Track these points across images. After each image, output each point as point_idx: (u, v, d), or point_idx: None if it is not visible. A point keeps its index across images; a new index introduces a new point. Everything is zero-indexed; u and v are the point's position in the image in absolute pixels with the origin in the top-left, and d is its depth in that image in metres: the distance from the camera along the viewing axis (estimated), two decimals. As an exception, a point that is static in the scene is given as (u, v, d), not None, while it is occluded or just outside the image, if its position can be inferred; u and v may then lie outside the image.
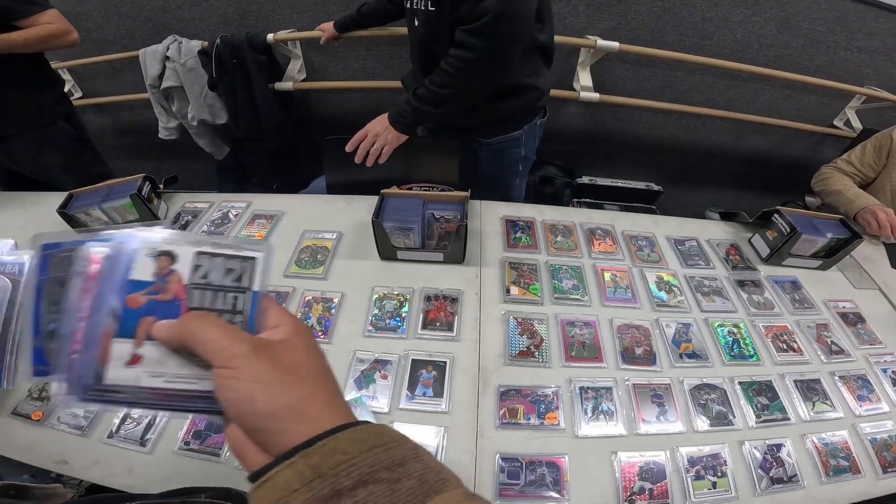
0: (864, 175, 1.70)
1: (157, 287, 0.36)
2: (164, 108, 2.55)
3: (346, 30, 2.03)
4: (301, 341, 0.37)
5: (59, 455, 0.85)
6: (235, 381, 0.32)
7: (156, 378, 0.34)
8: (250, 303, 0.37)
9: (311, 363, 0.36)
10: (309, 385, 0.34)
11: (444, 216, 1.20)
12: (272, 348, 0.35)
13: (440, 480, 0.32)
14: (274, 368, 0.33)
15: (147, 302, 0.36)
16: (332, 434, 0.31)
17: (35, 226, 1.35)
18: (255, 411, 0.32)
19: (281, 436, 0.31)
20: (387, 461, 0.30)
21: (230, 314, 0.37)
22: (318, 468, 0.29)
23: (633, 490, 0.85)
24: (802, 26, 2.25)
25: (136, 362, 0.34)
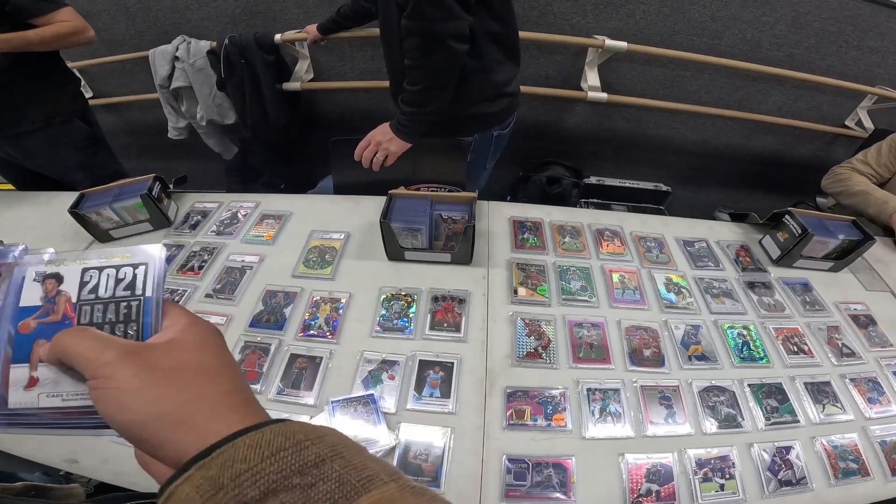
0: (879, 175, 1.67)
1: (46, 309, 0.36)
2: (173, 108, 2.57)
3: (328, 32, 2.06)
4: (191, 339, 0.34)
5: (68, 454, 0.86)
6: (104, 391, 0.30)
7: (54, 398, 0.34)
8: (143, 309, 0.36)
9: (202, 363, 0.33)
10: (194, 388, 0.31)
11: (452, 217, 1.20)
12: (150, 351, 0.32)
13: (365, 479, 0.28)
14: (147, 373, 0.30)
15: (37, 325, 0.36)
16: (231, 440, 0.28)
17: (46, 225, 1.36)
18: (129, 421, 0.29)
19: (167, 447, 0.29)
20: (297, 464, 0.27)
21: (123, 324, 0.36)
22: (218, 480, 0.26)
23: (641, 492, 0.84)
24: (813, 26, 2.23)
25: (34, 385, 0.34)
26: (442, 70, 1.27)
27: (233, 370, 0.34)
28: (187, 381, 0.31)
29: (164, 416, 0.29)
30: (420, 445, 0.88)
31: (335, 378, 0.99)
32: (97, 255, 0.39)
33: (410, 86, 1.30)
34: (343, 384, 0.98)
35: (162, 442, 0.29)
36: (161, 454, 0.29)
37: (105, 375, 0.30)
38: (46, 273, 0.38)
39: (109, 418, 0.30)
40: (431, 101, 1.33)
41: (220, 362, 0.34)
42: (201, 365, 0.32)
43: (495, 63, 1.43)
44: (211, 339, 0.35)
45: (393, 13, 1.25)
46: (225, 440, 0.28)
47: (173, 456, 0.29)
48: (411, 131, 1.39)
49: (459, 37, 1.21)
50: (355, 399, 0.93)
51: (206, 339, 0.35)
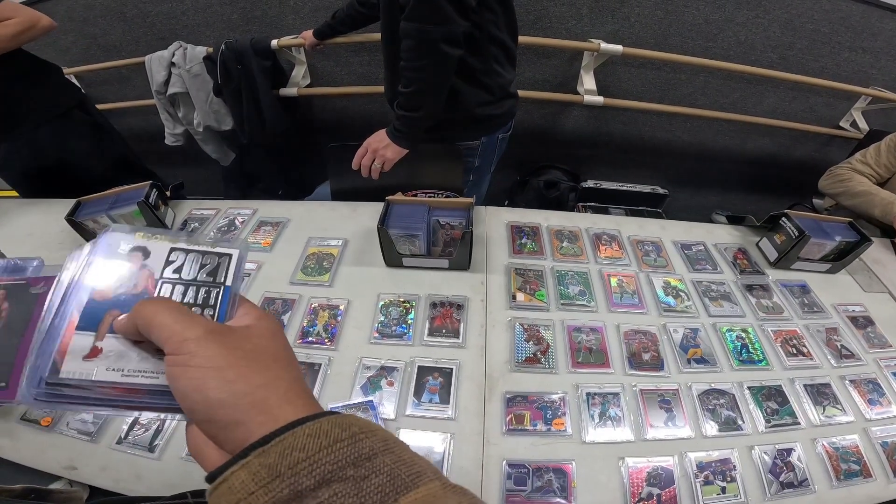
0: (879, 175, 1.67)
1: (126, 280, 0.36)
2: (170, 114, 2.57)
3: (324, 37, 2.07)
4: (265, 328, 0.35)
5: (67, 461, 0.86)
6: (186, 368, 0.30)
7: (113, 372, 0.33)
8: (221, 297, 0.37)
9: (275, 350, 0.34)
10: (269, 373, 0.31)
11: (450, 223, 1.20)
12: (231, 333, 0.33)
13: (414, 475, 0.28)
14: (229, 353, 0.31)
15: (114, 295, 0.35)
16: (290, 429, 0.28)
17: (43, 233, 1.36)
18: (206, 400, 0.29)
19: (236, 429, 0.29)
20: (352, 456, 0.27)
21: (200, 308, 0.36)
22: (275, 468, 0.26)
23: (641, 496, 0.84)
24: (806, 27, 2.24)
25: (95, 355, 0.33)
26: (433, 73, 1.27)
27: (296, 362, 0.35)
28: (265, 365, 0.32)
29: (240, 396, 0.29)
30: (419, 451, 0.87)
31: (334, 385, 0.98)
32: (185, 239, 0.39)
33: (404, 88, 1.31)
34: (342, 391, 0.97)
35: (233, 423, 0.29)
36: (227, 436, 0.29)
37: (189, 352, 0.30)
38: (134, 245, 0.37)
39: (185, 395, 0.30)
40: (424, 104, 1.33)
41: (289, 353, 0.35)
42: (275, 352, 0.34)
43: (498, 65, 1.44)
44: (279, 330, 0.36)
45: (397, 16, 1.25)
46: (285, 428, 0.28)
47: (239, 438, 0.29)
48: (407, 136, 1.40)
49: (451, 41, 1.22)
50: (354, 405, 0.93)
51: (277, 330, 0.36)
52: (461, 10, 1.19)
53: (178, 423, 0.90)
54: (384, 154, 1.42)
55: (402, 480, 0.28)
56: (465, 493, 0.30)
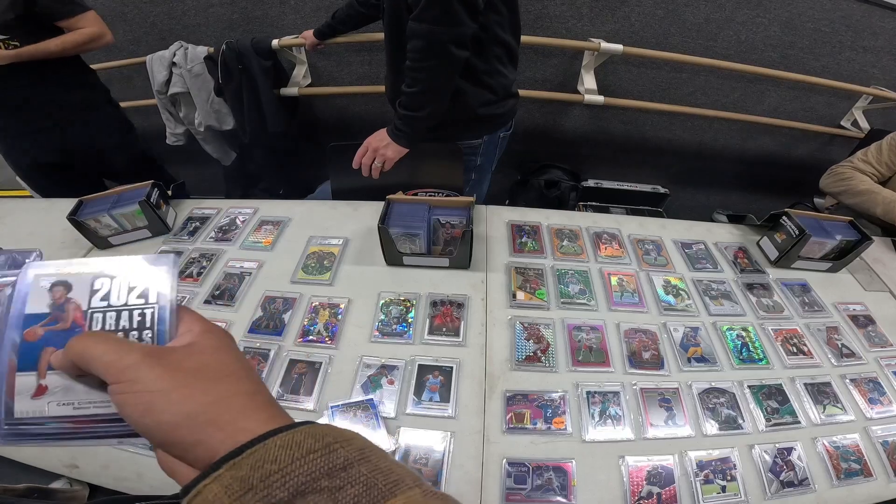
0: (880, 174, 1.67)
1: (54, 316, 0.36)
2: (171, 113, 2.58)
3: (324, 37, 2.07)
4: (209, 343, 0.34)
5: (69, 459, 0.86)
6: (130, 395, 0.29)
7: (65, 406, 0.33)
8: (158, 317, 0.36)
9: (223, 365, 0.33)
10: (219, 388, 0.31)
11: (450, 221, 1.20)
12: (170, 354, 0.32)
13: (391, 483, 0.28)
14: (171, 375, 0.30)
15: (45, 333, 0.35)
16: (262, 440, 0.28)
17: (45, 232, 1.36)
18: (157, 423, 0.29)
19: (198, 448, 0.29)
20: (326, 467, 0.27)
21: (138, 331, 0.35)
22: (248, 480, 0.26)
23: (641, 494, 0.84)
24: (807, 27, 2.24)
25: (42, 393, 0.33)
26: (440, 74, 1.27)
27: (252, 372, 0.34)
28: (213, 382, 0.31)
29: (193, 416, 0.29)
30: (420, 450, 0.88)
31: (334, 383, 0.99)
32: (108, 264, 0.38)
33: (408, 88, 1.30)
34: (342, 389, 0.97)
35: (192, 443, 0.29)
36: (191, 456, 0.29)
37: (129, 379, 0.30)
38: (54, 281, 0.37)
39: (136, 422, 0.30)
40: (427, 104, 1.33)
41: (239, 365, 0.34)
42: (223, 366, 0.33)
43: (502, 66, 1.44)
44: (227, 342, 0.35)
45: (403, 16, 1.25)
46: (257, 440, 0.28)
47: (204, 457, 0.28)
48: (407, 136, 1.40)
49: (461, 43, 1.22)
50: (355, 404, 0.93)
51: (223, 343, 0.35)
52: (472, 12, 1.19)
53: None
54: (384, 153, 1.42)
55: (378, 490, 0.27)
56: (447, 500, 0.29)
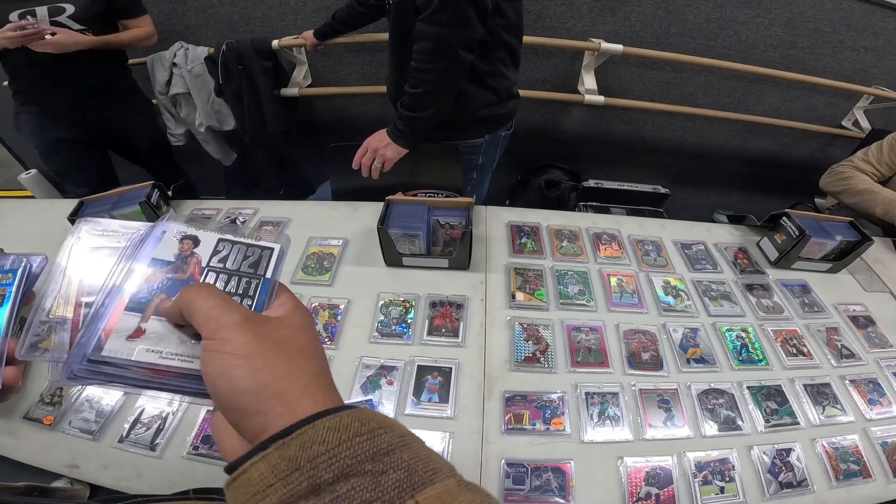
0: (881, 174, 1.67)
1: (176, 266, 0.38)
2: (171, 114, 2.58)
3: (324, 37, 2.08)
4: (297, 319, 0.36)
5: (70, 459, 0.86)
6: (217, 354, 0.31)
7: (152, 353, 0.34)
8: (261, 288, 0.39)
9: (301, 342, 0.34)
10: (293, 363, 0.32)
11: (449, 222, 1.20)
12: (265, 323, 0.34)
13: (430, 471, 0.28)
14: (260, 342, 0.31)
15: (163, 279, 0.37)
16: (311, 422, 0.28)
17: (45, 233, 1.37)
18: (231, 387, 0.30)
19: (255, 417, 0.30)
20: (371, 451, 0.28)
21: (240, 297, 0.38)
22: (295, 461, 0.26)
23: (640, 495, 0.84)
24: (808, 26, 2.24)
25: (138, 336, 0.35)
26: (446, 76, 1.28)
27: (323, 355, 0.36)
28: (289, 356, 0.32)
29: (263, 385, 0.30)
30: (419, 451, 0.88)
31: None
32: (232, 231, 0.42)
33: (411, 89, 1.30)
34: (342, 390, 0.95)
35: (254, 412, 0.30)
36: (247, 424, 0.30)
37: (223, 338, 0.31)
38: (186, 233, 0.40)
39: (212, 381, 0.31)
40: (430, 105, 1.33)
41: (315, 345, 0.35)
42: (303, 343, 0.34)
43: (504, 68, 1.45)
44: (310, 323, 0.37)
45: (410, 16, 1.25)
46: (305, 421, 0.28)
47: (258, 427, 0.29)
48: (408, 136, 1.40)
49: (469, 47, 1.23)
50: (354, 405, 0.93)
51: (308, 322, 0.37)
52: (482, 17, 1.20)
53: (179, 422, 0.91)
54: (384, 154, 1.42)
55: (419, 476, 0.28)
56: (479, 491, 0.30)
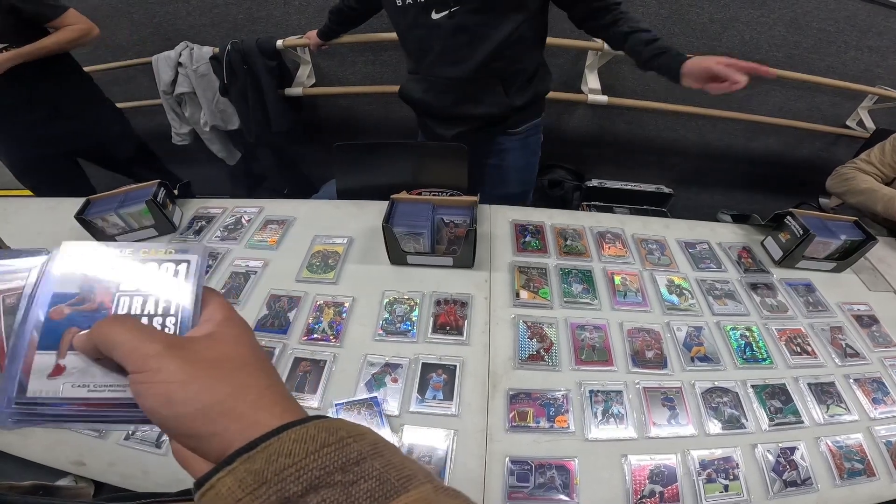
0: (884, 175, 1.67)
1: (81, 297, 0.36)
2: (176, 113, 2.59)
3: (327, 37, 2.07)
4: (229, 333, 0.34)
5: (76, 456, 0.87)
6: (149, 385, 0.29)
7: (79, 388, 0.33)
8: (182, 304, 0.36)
9: (240, 357, 0.33)
10: (236, 380, 0.31)
11: (454, 221, 1.21)
12: (192, 345, 0.32)
13: (404, 478, 0.28)
14: (191, 366, 0.30)
15: (70, 313, 0.35)
16: (276, 434, 0.28)
17: (52, 231, 1.38)
18: (175, 415, 0.29)
19: (213, 440, 0.29)
20: (340, 461, 0.27)
21: (162, 317, 0.36)
22: (262, 474, 0.26)
23: (644, 493, 0.84)
24: (812, 26, 2.23)
25: (59, 373, 0.33)
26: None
27: (268, 364, 0.34)
28: (230, 373, 0.31)
29: (210, 407, 0.29)
30: (423, 448, 0.89)
31: (339, 381, 0.99)
32: (140, 249, 0.38)
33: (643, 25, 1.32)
34: (347, 387, 0.98)
35: (207, 435, 0.29)
36: (206, 448, 0.29)
37: (151, 368, 0.30)
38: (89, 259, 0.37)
39: (153, 412, 0.30)
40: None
41: (257, 356, 0.34)
42: (241, 358, 0.33)
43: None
44: (246, 334, 0.35)
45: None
46: (271, 433, 0.28)
47: (218, 449, 0.28)
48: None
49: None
50: (359, 402, 0.94)
51: (242, 334, 0.35)
52: None
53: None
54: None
55: (391, 484, 0.27)
56: (458, 496, 0.29)
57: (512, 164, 1.67)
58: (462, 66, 1.38)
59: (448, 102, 1.50)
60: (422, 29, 1.35)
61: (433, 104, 1.54)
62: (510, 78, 1.43)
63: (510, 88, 1.44)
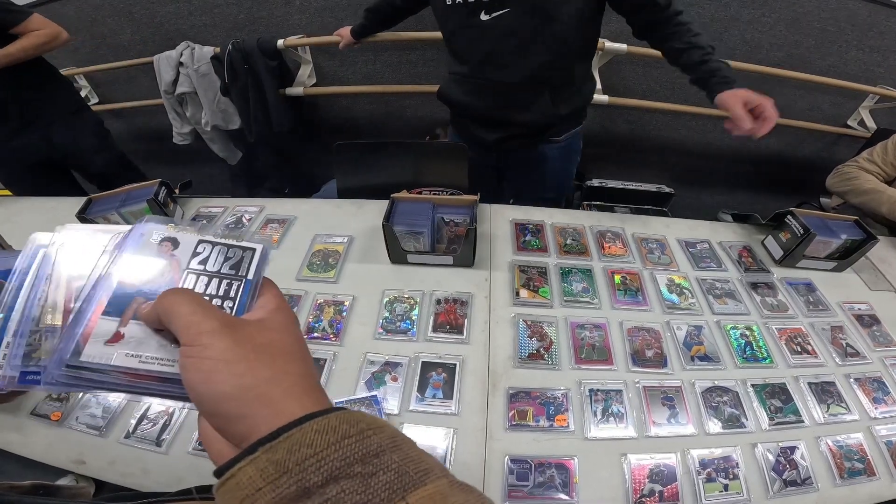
0: (886, 174, 1.66)
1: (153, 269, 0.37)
2: (178, 113, 2.60)
3: (362, 35, 2.02)
4: (279, 321, 0.35)
5: (77, 455, 0.87)
6: (197, 360, 0.30)
7: (131, 358, 0.34)
8: (243, 290, 0.38)
9: (285, 344, 0.34)
10: (277, 366, 0.31)
11: (454, 220, 1.21)
12: (245, 327, 0.33)
13: (421, 472, 0.28)
14: (240, 347, 0.31)
15: (141, 283, 0.36)
16: (299, 424, 0.28)
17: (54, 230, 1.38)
18: (212, 393, 0.30)
19: (240, 422, 0.29)
20: (360, 453, 0.27)
21: (221, 300, 0.37)
22: (283, 464, 0.26)
23: (644, 492, 0.84)
24: (813, 26, 2.23)
25: (117, 340, 0.34)
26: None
27: (308, 356, 0.35)
28: (272, 359, 0.32)
29: (245, 389, 0.30)
30: (423, 446, 0.87)
31: (339, 380, 0.99)
32: (213, 233, 0.41)
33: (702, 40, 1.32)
34: (347, 386, 0.98)
35: (238, 416, 0.29)
36: (233, 429, 0.30)
37: (202, 344, 0.30)
38: (165, 235, 0.39)
39: (193, 387, 0.30)
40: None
41: (300, 346, 0.35)
42: (285, 346, 0.34)
43: None
44: (294, 324, 0.36)
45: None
46: (293, 423, 0.28)
47: (244, 431, 0.29)
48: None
49: None
50: (359, 400, 0.94)
51: (290, 323, 0.36)
52: None
53: (185, 417, 0.92)
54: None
55: (409, 477, 0.27)
56: (472, 491, 0.30)
57: (549, 172, 1.67)
58: (510, 70, 1.37)
59: (492, 106, 1.48)
60: (470, 30, 1.33)
61: (475, 107, 1.52)
62: (559, 87, 1.42)
63: (557, 97, 1.43)
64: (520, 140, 1.55)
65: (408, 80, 2.48)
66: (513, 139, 1.55)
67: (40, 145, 1.91)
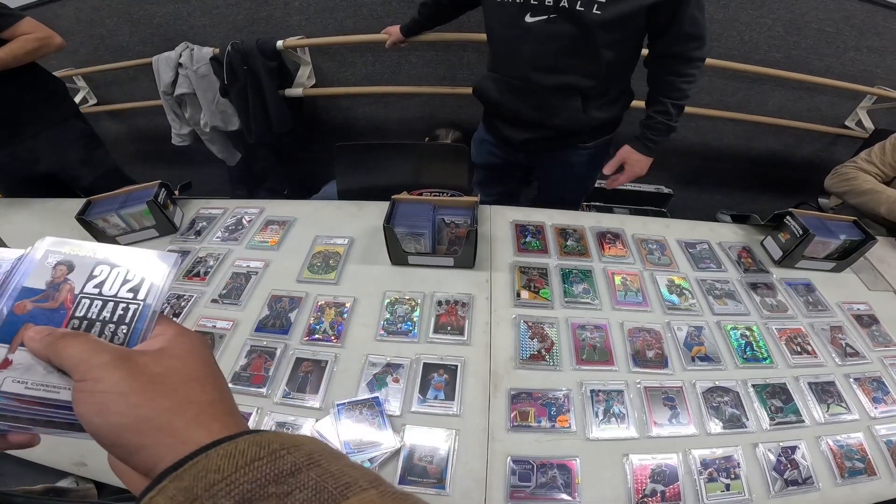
0: (884, 174, 1.67)
1: (46, 294, 0.36)
2: (177, 114, 2.59)
3: (412, 33, 1.98)
4: (181, 347, 0.34)
5: (78, 457, 0.87)
6: (89, 395, 0.30)
7: (17, 384, 0.33)
8: (139, 315, 0.37)
9: (189, 370, 0.33)
10: (178, 395, 0.31)
11: (455, 221, 1.21)
12: (139, 358, 0.32)
13: (342, 486, 0.28)
14: (135, 378, 0.30)
15: (32, 309, 0.36)
16: (204, 451, 0.27)
17: (53, 232, 1.37)
18: (108, 424, 0.29)
19: (143, 452, 0.29)
20: (272, 473, 0.27)
21: (115, 325, 0.36)
22: (192, 490, 0.25)
23: (645, 492, 0.85)
24: (811, 27, 2.24)
25: (5, 367, 0.33)
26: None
27: (219, 380, 0.35)
28: (173, 388, 0.31)
29: (144, 420, 0.29)
30: (425, 448, 0.89)
31: (340, 381, 0.99)
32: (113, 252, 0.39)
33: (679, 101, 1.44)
34: (348, 387, 0.98)
35: (138, 447, 0.29)
36: (136, 460, 0.29)
37: (94, 378, 0.30)
38: (60, 260, 0.38)
39: (87, 420, 0.30)
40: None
41: (207, 372, 0.34)
42: (188, 373, 0.33)
43: None
44: (199, 349, 0.35)
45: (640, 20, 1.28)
46: (199, 451, 0.28)
47: (148, 462, 0.29)
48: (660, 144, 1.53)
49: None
50: (360, 402, 0.94)
51: (194, 349, 0.35)
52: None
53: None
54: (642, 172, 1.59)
55: (328, 493, 0.27)
56: (407, 498, 0.29)
57: (572, 176, 1.69)
58: (545, 75, 1.37)
59: (523, 107, 1.48)
60: (514, 30, 1.33)
61: (508, 106, 1.52)
62: (594, 96, 1.42)
63: (589, 105, 1.43)
64: (547, 143, 1.56)
65: (408, 81, 2.48)
66: (540, 141, 1.56)
67: (27, 158, 1.85)
